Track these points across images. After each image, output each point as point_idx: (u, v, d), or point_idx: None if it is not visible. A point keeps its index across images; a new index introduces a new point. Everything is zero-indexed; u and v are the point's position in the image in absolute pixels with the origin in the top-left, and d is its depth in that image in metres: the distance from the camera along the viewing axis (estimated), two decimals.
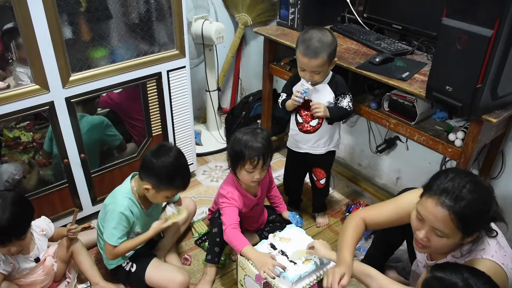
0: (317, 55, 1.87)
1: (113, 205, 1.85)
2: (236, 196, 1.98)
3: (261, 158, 1.87)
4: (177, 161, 1.84)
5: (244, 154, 1.86)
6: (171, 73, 2.33)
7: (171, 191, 1.85)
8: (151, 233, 1.90)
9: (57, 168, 2.19)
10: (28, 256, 1.80)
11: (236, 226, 1.88)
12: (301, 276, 1.70)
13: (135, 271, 1.95)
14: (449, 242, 1.35)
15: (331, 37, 1.91)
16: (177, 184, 1.84)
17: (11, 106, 1.86)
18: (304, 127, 2.12)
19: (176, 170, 1.82)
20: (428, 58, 2.08)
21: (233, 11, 3.14)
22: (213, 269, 2.05)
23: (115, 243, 1.84)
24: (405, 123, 1.96)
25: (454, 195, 1.28)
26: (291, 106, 2.08)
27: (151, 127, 2.40)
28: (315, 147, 2.16)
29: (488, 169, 2.09)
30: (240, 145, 1.88)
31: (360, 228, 1.67)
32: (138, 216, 1.91)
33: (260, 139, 1.88)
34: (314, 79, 1.97)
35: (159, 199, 1.89)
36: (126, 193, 1.88)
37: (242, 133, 1.92)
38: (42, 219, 1.92)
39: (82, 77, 2.02)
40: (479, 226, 1.35)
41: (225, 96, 3.61)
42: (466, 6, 1.50)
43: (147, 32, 2.18)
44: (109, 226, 1.84)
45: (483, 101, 1.57)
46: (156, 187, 1.82)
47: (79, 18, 1.96)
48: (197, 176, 2.84)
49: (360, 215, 1.70)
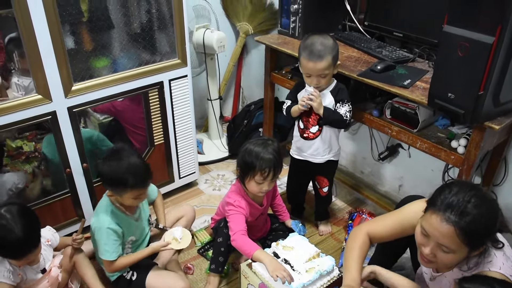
0: (321, 58, 1.89)
1: (97, 223, 1.85)
2: (244, 204, 1.98)
3: (272, 170, 1.89)
4: (125, 161, 1.78)
5: (255, 165, 1.87)
6: (173, 82, 2.33)
7: (131, 193, 1.80)
8: (149, 251, 1.91)
9: (59, 178, 2.19)
10: (35, 266, 1.80)
11: (244, 233, 1.89)
12: (305, 285, 1.68)
13: (135, 280, 1.95)
14: (456, 257, 1.34)
15: (332, 40, 1.94)
16: (131, 184, 1.77)
17: (13, 116, 1.87)
18: (305, 133, 2.13)
19: (125, 170, 1.77)
20: (429, 66, 2.08)
21: (234, 20, 3.16)
22: (216, 279, 2.04)
23: (110, 258, 1.85)
24: (407, 131, 1.96)
25: (460, 211, 1.26)
26: (297, 112, 2.09)
27: (153, 136, 2.40)
28: (315, 155, 2.16)
29: (491, 176, 2.08)
30: (251, 156, 1.89)
31: (366, 245, 1.67)
32: (126, 224, 1.91)
33: (271, 150, 1.90)
34: (321, 84, 1.98)
35: (129, 202, 1.85)
36: (106, 206, 1.88)
37: (253, 144, 1.93)
38: (47, 229, 1.92)
39: (84, 86, 2.03)
40: (485, 239, 1.33)
41: (227, 105, 3.61)
42: (468, 13, 1.51)
43: (149, 41, 2.19)
44: (100, 244, 1.85)
45: (485, 108, 1.57)
46: (115, 192, 1.82)
47: (81, 28, 1.97)
48: (199, 185, 2.83)
49: (364, 230, 1.69)
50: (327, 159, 2.17)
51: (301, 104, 2.02)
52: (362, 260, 1.64)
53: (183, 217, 2.24)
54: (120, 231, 1.87)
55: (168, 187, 2.65)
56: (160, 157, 2.50)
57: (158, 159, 2.49)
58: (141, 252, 1.93)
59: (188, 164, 2.66)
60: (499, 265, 1.36)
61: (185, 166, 2.65)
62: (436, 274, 1.53)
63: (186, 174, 2.69)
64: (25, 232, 1.62)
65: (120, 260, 1.88)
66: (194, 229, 2.39)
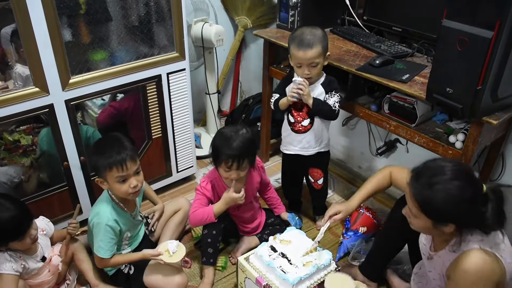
0: (311, 46, 1.90)
1: (96, 218, 1.84)
2: (209, 187, 2.02)
3: (236, 161, 1.87)
4: (104, 139, 1.87)
5: (221, 154, 1.88)
6: (171, 76, 2.33)
7: (113, 170, 1.75)
8: (139, 256, 1.92)
9: (57, 171, 2.19)
10: (34, 255, 1.81)
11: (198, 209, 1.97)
12: (302, 278, 1.69)
13: (133, 274, 1.96)
14: (420, 223, 1.44)
15: (322, 31, 1.96)
16: (109, 155, 1.75)
17: (10, 108, 1.86)
18: (296, 127, 2.13)
19: (104, 145, 1.81)
20: (428, 60, 2.08)
21: (233, 14, 3.14)
22: (210, 271, 2.05)
23: (103, 256, 1.85)
24: (405, 125, 1.96)
25: (423, 181, 1.36)
26: (286, 104, 2.09)
27: (151, 129, 2.40)
28: (306, 148, 2.17)
29: (488, 171, 2.09)
30: (220, 143, 1.90)
31: (385, 181, 1.84)
32: (125, 221, 1.92)
33: (238, 141, 1.87)
34: (312, 74, 1.98)
35: (118, 187, 1.79)
36: (106, 202, 1.88)
37: (226, 131, 1.94)
38: (41, 219, 1.93)
39: (82, 79, 2.02)
40: (448, 217, 1.37)
41: (225, 99, 3.61)
42: (467, 8, 1.50)
43: (147, 34, 2.18)
44: (96, 239, 1.85)
45: (483, 103, 1.57)
46: (102, 176, 1.81)
47: (78, 20, 1.96)
48: (197, 179, 2.83)
49: (389, 169, 1.85)
50: (317, 150, 2.18)
51: (291, 95, 2.01)
52: (372, 190, 1.85)
53: (180, 210, 2.25)
54: (118, 229, 1.87)
55: (165, 181, 2.65)
56: (157, 151, 2.49)
57: (155, 153, 2.49)
58: (132, 255, 1.95)
59: (186, 158, 2.66)
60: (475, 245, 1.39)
61: (182, 160, 2.64)
62: (432, 253, 1.58)
63: (184, 168, 2.69)
64: (17, 207, 1.68)
65: (114, 259, 1.89)
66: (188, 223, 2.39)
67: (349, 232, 2.24)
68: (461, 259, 1.38)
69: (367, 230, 2.22)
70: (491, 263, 1.35)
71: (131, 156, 1.79)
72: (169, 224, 2.21)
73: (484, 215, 1.35)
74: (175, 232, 2.21)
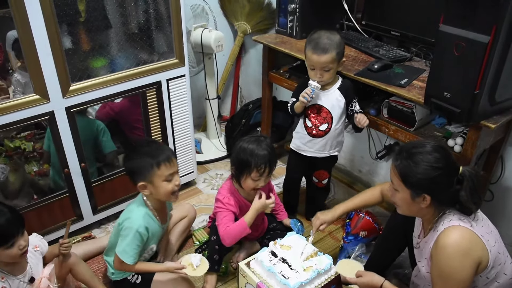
0: (326, 51, 1.91)
1: (128, 221, 1.82)
2: (233, 202, 1.99)
3: (268, 166, 1.90)
4: (139, 144, 1.87)
5: (250, 163, 1.88)
6: (171, 82, 2.34)
7: (161, 167, 1.77)
8: (163, 268, 1.89)
9: (57, 177, 2.20)
10: (20, 277, 1.65)
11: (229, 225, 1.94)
12: (302, 283, 1.69)
13: (140, 283, 1.93)
14: (401, 196, 1.51)
15: (339, 36, 1.96)
16: (155, 154, 1.77)
17: (11, 116, 1.87)
18: (313, 131, 2.15)
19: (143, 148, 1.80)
20: (426, 65, 2.09)
21: (232, 19, 3.16)
22: (213, 277, 2.05)
23: (126, 260, 1.80)
24: (404, 130, 1.97)
25: (405, 152, 1.46)
26: (300, 107, 2.10)
27: (151, 135, 2.40)
28: (321, 151, 2.19)
29: (487, 175, 2.08)
30: (246, 154, 1.90)
31: (374, 196, 1.92)
32: (155, 232, 1.90)
33: (264, 146, 1.91)
34: (324, 78, 1.99)
35: (165, 186, 1.80)
36: (141, 208, 1.86)
37: (247, 142, 1.94)
38: (34, 235, 1.80)
39: (82, 86, 2.03)
40: (425, 188, 1.44)
41: (225, 104, 3.61)
42: (463, 13, 1.51)
43: (146, 41, 2.20)
44: (123, 242, 1.80)
45: (481, 107, 1.58)
46: (147, 178, 1.78)
47: (78, 28, 1.97)
48: (198, 184, 2.84)
49: (380, 185, 1.92)
50: (332, 153, 2.20)
51: (302, 97, 2.02)
52: (359, 202, 1.96)
53: (186, 217, 2.25)
54: (146, 237, 1.84)
55: None
56: None
57: None
58: (155, 266, 1.91)
59: (186, 163, 2.67)
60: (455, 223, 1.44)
61: (183, 165, 2.65)
62: (420, 240, 1.63)
63: (184, 174, 2.70)
64: (8, 211, 1.54)
65: (132, 265, 1.84)
66: (193, 229, 2.40)
67: (350, 237, 2.24)
68: (441, 236, 1.44)
69: (367, 234, 2.22)
70: (469, 239, 1.41)
71: (173, 152, 1.85)
72: (174, 231, 2.21)
73: (459, 192, 1.43)
74: (179, 239, 2.22)
